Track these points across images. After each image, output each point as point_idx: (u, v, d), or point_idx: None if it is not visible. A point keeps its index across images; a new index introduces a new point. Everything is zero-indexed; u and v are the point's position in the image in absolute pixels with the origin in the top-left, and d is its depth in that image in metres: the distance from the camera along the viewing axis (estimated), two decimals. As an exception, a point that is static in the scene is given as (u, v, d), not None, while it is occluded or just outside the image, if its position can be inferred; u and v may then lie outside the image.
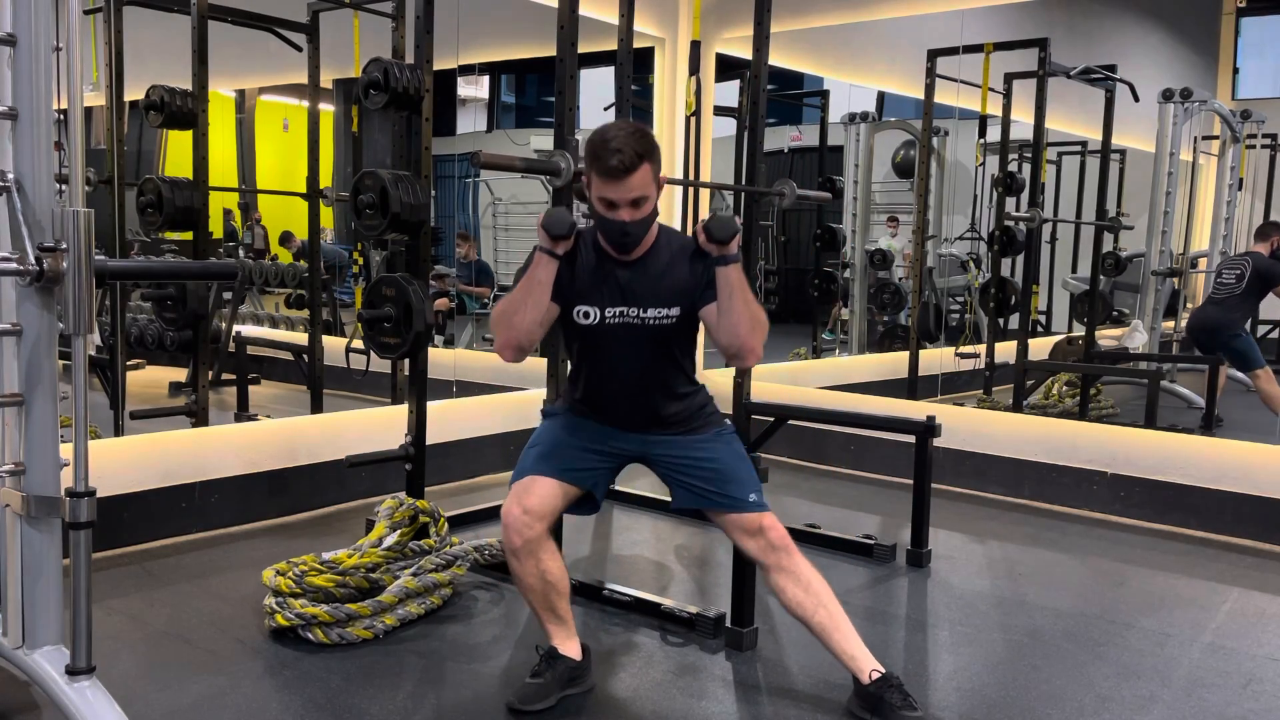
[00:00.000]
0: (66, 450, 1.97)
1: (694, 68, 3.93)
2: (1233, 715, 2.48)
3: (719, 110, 5.80)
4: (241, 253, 6.13)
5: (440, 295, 6.58)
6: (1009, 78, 5.63)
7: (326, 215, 5.64)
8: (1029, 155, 5.64)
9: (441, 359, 4.86)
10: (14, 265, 1.83)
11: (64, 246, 1.81)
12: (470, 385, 5.05)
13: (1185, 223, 6.22)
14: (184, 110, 4.11)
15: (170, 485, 3.63)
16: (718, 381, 3.68)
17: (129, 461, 3.58)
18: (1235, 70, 7.02)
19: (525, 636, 2.81)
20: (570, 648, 2.47)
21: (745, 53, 3.73)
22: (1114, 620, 3.10)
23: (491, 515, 3.68)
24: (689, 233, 4.30)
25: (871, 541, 3.66)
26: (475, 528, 3.76)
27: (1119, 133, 5.88)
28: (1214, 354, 5.34)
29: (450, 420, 4.45)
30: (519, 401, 4.71)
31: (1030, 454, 4.52)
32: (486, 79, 8.31)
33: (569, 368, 2.60)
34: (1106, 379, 6.03)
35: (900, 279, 6.95)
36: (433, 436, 3.51)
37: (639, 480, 3.75)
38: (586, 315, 2.41)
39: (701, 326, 2.45)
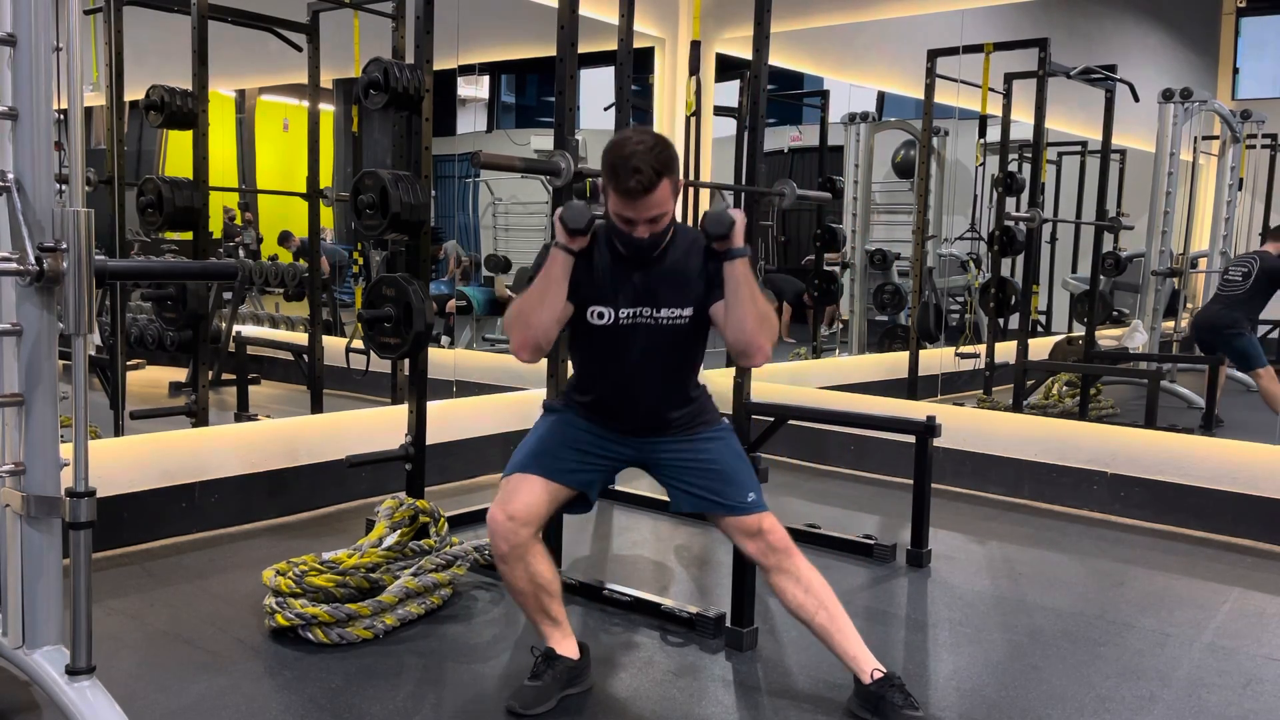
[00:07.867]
0: (66, 450, 1.97)
1: (694, 68, 3.93)
2: (1233, 715, 2.48)
3: (719, 110, 5.80)
4: (241, 253, 6.13)
5: (449, 297, 6.56)
6: (1009, 78, 5.63)
7: (326, 215, 5.64)
8: (1029, 155, 5.64)
9: (441, 359, 4.86)
10: (14, 265, 1.83)
11: (64, 246, 1.81)
12: (470, 385, 5.05)
13: (1185, 223, 6.22)
14: (184, 110, 4.11)
15: (170, 485, 3.63)
16: (718, 382, 3.67)
17: (129, 461, 3.58)
18: (1235, 70, 7.02)
19: (525, 637, 2.80)
20: (567, 647, 2.46)
21: (745, 53, 3.73)
22: (1114, 620, 3.10)
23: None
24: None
25: (871, 541, 3.66)
26: (475, 528, 3.75)
27: (1119, 133, 5.88)
28: (1216, 353, 5.34)
29: (450, 420, 4.45)
30: (519, 401, 4.71)
31: (1030, 454, 4.51)
32: (486, 79, 8.30)
33: (573, 369, 2.57)
34: (1106, 379, 6.03)
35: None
36: (433, 436, 3.52)
37: (639, 480, 3.75)
38: (601, 316, 2.37)
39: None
